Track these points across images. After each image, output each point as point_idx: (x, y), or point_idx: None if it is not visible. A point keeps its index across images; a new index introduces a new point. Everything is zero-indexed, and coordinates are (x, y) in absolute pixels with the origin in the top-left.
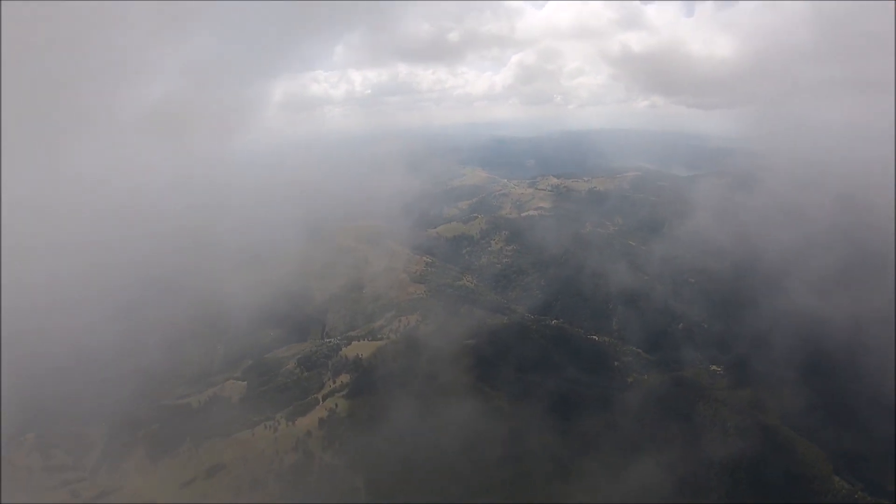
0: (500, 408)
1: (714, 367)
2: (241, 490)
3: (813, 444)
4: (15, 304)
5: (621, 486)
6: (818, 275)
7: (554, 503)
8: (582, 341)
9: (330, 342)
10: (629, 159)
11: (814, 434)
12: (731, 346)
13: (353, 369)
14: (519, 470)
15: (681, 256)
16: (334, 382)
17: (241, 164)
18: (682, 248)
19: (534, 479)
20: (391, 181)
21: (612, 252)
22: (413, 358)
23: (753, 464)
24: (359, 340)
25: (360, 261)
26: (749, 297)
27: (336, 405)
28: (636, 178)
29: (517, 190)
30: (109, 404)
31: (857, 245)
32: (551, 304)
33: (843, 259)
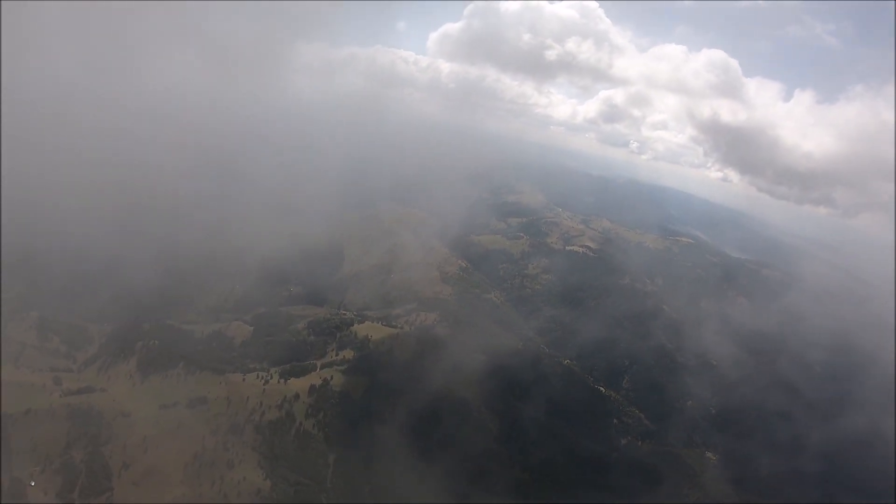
0: (486, 429)
1: (710, 455)
2: (218, 429)
3: None
4: (60, 203)
5: None
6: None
7: None
8: (588, 389)
9: (344, 315)
10: (686, 225)
11: None
12: (733, 440)
13: (359, 348)
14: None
15: (710, 336)
16: (337, 355)
17: (312, 117)
18: (713, 329)
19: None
20: (451, 178)
21: (644, 311)
22: (420, 355)
23: None
24: (373, 322)
25: (398, 246)
26: (768, 400)
27: (331, 377)
28: (688, 245)
29: (569, 222)
30: (118, 309)
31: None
32: (569, 343)
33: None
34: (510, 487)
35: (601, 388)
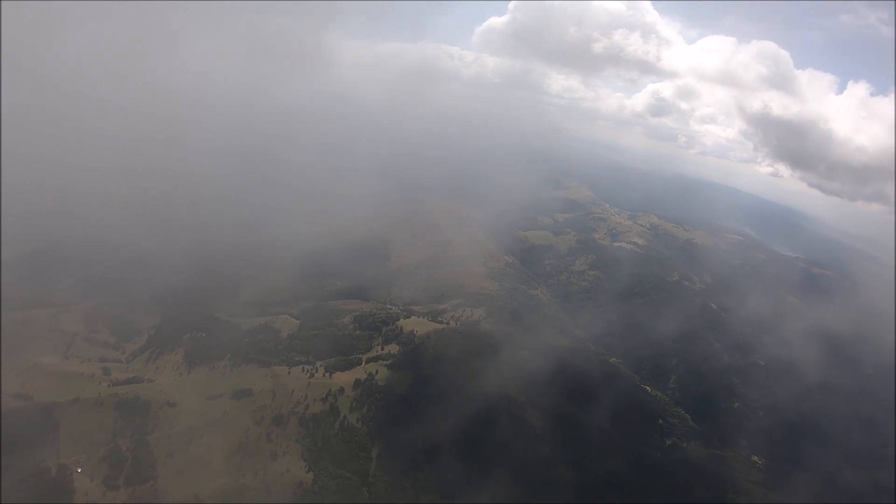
0: (530, 426)
1: (755, 458)
2: (262, 420)
3: None
4: (125, 192)
5: None
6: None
7: None
8: (634, 388)
9: (390, 309)
10: (735, 220)
11: None
12: (780, 443)
13: (405, 343)
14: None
15: (758, 335)
16: (382, 349)
17: (356, 113)
18: (763, 328)
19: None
20: (497, 173)
21: (692, 309)
22: (465, 351)
23: None
24: (418, 317)
25: (444, 241)
26: (817, 402)
27: (377, 371)
28: (737, 242)
29: (616, 218)
30: (167, 302)
31: None
32: (615, 341)
33: None
34: (551, 485)
35: (647, 388)
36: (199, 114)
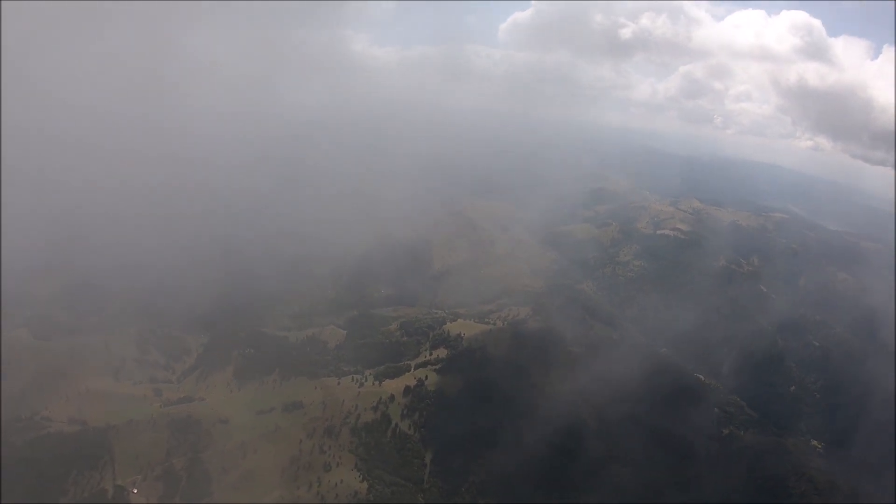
0: (585, 424)
1: (815, 443)
2: (314, 432)
3: None
4: (157, 210)
5: None
6: None
7: None
8: (687, 378)
9: (436, 313)
10: (779, 199)
11: None
12: (840, 426)
13: (453, 346)
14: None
15: (811, 316)
16: (430, 354)
17: (394, 120)
18: (815, 308)
19: None
20: (535, 169)
21: (741, 293)
22: (514, 350)
23: None
24: (465, 319)
25: (486, 241)
26: (874, 380)
27: (426, 377)
28: (782, 220)
29: (657, 206)
30: (215, 319)
31: None
32: (664, 331)
33: None
34: (608, 482)
35: (700, 377)
36: (222, 126)
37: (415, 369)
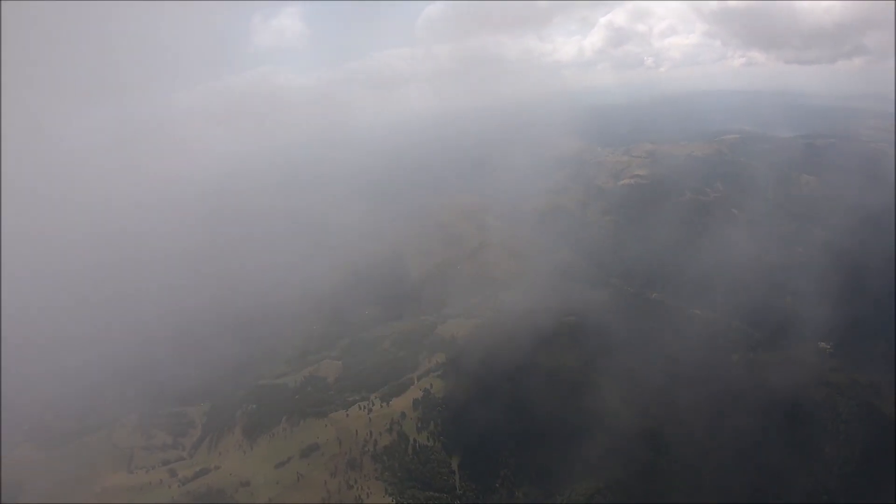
0: (598, 390)
1: (823, 344)
2: (336, 470)
3: None
4: (116, 290)
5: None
6: None
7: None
8: (684, 317)
9: (426, 320)
10: (727, 122)
11: None
12: (842, 324)
13: (449, 348)
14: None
15: (786, 225)
16: (430, 362)
17: (334, 145)
18: (789, 217)
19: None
20: (485, 156)
21: (714, 221)
22: (510, 336)
23: (867, 457)
24: (455, 319)
25: (457, 237)
26: (866, 275)
27: (431, 385)
28: (735, 141)
29: (612, 158)
30: (210, 385)
31: None
32: (651, 277)
33: None
34: (630, 450)
35: (697, 311)
36: (153, 188)
37: (418, 381)
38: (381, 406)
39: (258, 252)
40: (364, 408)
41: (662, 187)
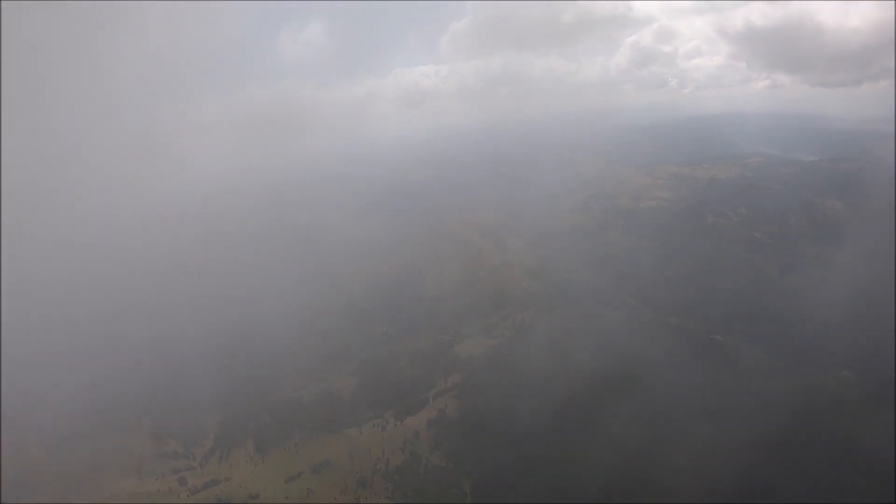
0: (613, 412)
1: (846, 372)
2: (346, 488)
3: None
4: (140, 299)
5: None
6: None
7: None
8: (705, 342)
9: (442, 339)
10: (750, 145)
11: None
12: (866, 352)
13: (465, 368)
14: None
15: (813, 249)
16: (445, 382)
17: (355, 160)
18: (815, 240)
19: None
20: (507, 174)
21: (735, 246)
22: (527, 357)
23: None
24: (472, 338)
25: (475, 255)
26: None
27: (446, 405)
28: (759, 164)
29: (634, 179)
30: (225, 396)
31: None
32: (671, 300)
33: None
34: (655, 466)
35: (718, 337)
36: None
37: (433, 400)
38: (395, 424)
39: (276, 265)
40: (378, 425)
41: (684, 210)
